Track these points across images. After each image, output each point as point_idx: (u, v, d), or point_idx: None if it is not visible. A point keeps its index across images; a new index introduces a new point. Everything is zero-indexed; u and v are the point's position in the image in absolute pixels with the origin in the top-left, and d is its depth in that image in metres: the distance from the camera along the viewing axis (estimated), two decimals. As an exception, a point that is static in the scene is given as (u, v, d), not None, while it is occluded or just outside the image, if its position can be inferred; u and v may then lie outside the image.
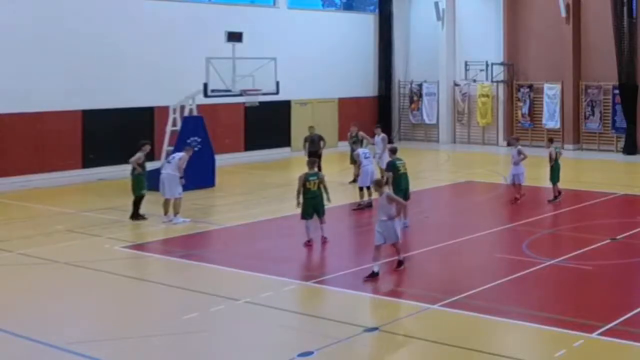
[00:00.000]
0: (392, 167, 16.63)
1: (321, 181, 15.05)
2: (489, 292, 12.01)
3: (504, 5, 32.18)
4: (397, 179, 16.50)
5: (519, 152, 19.52)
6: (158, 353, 9.76)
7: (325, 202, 15.22)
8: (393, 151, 17.33)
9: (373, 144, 22.14)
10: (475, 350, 9.61)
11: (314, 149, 22.75)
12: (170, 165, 17.52)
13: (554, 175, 19.40)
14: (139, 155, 17.65)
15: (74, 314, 11.16)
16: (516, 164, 19.44)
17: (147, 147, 18.13)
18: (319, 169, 23.13)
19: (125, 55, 25.21)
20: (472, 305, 11.24)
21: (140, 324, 10.72)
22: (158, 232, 16.53)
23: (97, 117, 24.61)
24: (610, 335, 10.03)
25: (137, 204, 17.53)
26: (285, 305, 11.53)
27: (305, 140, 23.26)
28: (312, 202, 14.92)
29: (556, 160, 19.45)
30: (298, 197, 14.96)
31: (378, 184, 13.19)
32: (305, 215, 14.96)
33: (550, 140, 20.32)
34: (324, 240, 15.09)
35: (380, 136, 22.06)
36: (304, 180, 14.87)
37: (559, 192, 19.38)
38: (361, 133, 22.39)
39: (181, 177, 17.43)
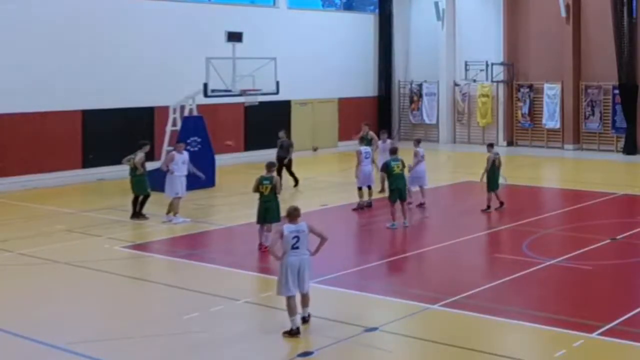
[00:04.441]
0: (386, 167, 16.82)
1: (274, 186, 14.52)
2: (489, 292, 12.02)
3: (504, 5, 32.16)
4: (391, 179, 16.60)
5: (415, 154, 19.05)
6: (158, 353, 9.76)
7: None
8: (392, 151, 17.34)
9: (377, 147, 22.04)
10: (475, 350, 9.61)
11: (283, 155, 21.84)
12: (176, 165, 17.56)
13: (492, 183, 18.21)
14: (141, 155, 17.67)
15: (74, 314, 11.16)
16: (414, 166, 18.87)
17: (147, 147, 18.15)
18: (295, 178, 22.48)
19: (125, 55, 25.20)
20: (472, 305, 11.24)
21: (140, 324, 10.72)
22: (158, 232, 16.53)
23: (97, 117, 24.60)
24: (610, 335, 10.03)
25: (135, 203, 17.56)
26: (285, 306, 11.52)
27: (276, 145, 22.33)
28: (263, 207, 14.51)
29: (494, 166, 18.30)
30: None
31: (290, 215, 10.45)
32: (258, 219, 14.68)
33: (491, 146, 18.99)
34: (262, 249, 14.38)
35: (386, 142, 21.88)
36: (258, 183, 14.52)
37: (501, 203, 18.28)
38: (371, 133, 22.12)
39: (171, 173, 17.39)
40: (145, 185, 17.59)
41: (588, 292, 12.36)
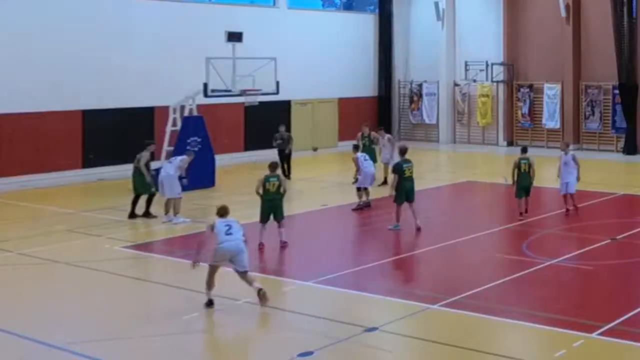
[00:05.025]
0: (398, 169, 16.54)
1: (281, 184, 14.66)
2: (489, 292, 12.01)
3: (504, 5, 32.17)
4: (400, 182, 16.45)
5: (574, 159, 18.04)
6: (158, 353, 9.75)
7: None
8: (402, 152, 17.08)
9: (377, 145, 22.07)
10: (475, 350, 9.61)
11: (283, 146, 23.47)
12: (171, 166, 17.54)
13: (518, 190, 17.40)
14: (147, 155, 17.71)
15: (74, 314, 11.16)
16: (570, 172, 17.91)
17: (153, 147, 18.24)
18: (289, 170, 23.19)
19: (125, 56, 25.19)
20: (472, 305, 11.24)
21: (140, 324, 10.72)
22: (158, 232, 16.54)
23: (97, 117, 24.60)
24: (610, 335, 10.03)
25: (135, 203, 17.57)
26: (285, 306, 11.53)
27: (275, 138, 23.90)
28: (270, 205, 14.63)
29: (522, 171, 17.42)
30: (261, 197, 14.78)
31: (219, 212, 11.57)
32: (262, 218, 14.74)
33: (523, 150, 18.05)
34: (282, 245, 14.69)
35: (385, 137, 22.08)
36: (264, 181, 14.61)
37: (526, 210, 17.53)
38: (373, 133, 22.16)
39: (183, 178, 17.51)
40: (149, 185, 17.61)
41: (588, 292, 12.37)
